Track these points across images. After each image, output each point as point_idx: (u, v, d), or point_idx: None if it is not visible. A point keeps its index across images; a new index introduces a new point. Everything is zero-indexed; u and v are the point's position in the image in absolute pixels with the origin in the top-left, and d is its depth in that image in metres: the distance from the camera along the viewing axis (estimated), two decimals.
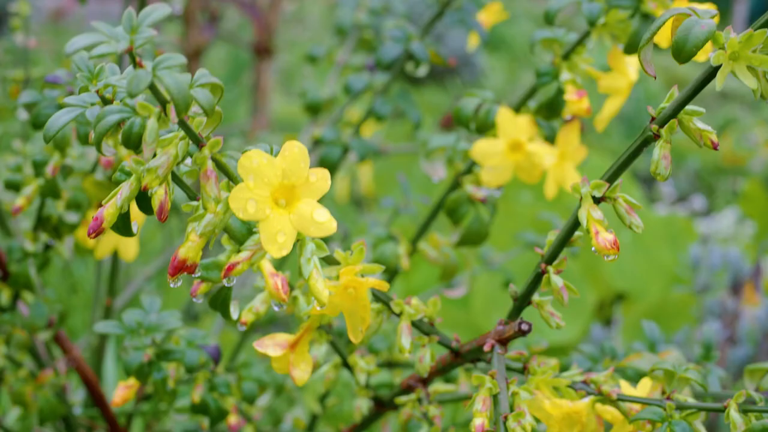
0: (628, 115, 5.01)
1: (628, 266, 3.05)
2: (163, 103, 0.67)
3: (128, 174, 0.72)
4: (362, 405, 1.02)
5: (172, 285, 0.73)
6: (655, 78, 0.78)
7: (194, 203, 0.73)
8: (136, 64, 0.64)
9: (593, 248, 0.77)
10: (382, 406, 1.02)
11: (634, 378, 0.98)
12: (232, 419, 1.08)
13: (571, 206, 0.81)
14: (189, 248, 0.71)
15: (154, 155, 0.69)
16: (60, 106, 1.04)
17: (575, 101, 1.06)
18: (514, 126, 1.10)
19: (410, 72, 1.33)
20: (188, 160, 0.72)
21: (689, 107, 0.75)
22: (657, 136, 0.76)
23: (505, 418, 0.77)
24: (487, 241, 1.20)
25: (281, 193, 0.70)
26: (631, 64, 1.08)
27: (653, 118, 0.76)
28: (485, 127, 1.12)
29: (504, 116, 1.10)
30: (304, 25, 6.98)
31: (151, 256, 2.55)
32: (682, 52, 0.72)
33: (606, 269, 3.02)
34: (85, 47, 0.62)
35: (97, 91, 0.71)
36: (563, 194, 1.17)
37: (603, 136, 4.81)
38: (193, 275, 0.73)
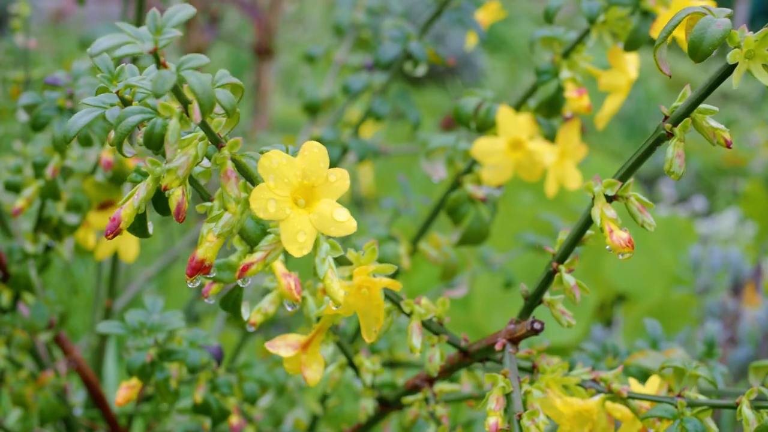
0: (628, 115, 5.01)
1: (629, 267, 3.05)
2: (185, 104, 0.67)
3: (144, 175, 0.72)
4: (368, 405, 1.01)
5: (189, 285, 0.73)
6: (670, 76, 0.78)
7: (209, 204, 0.73)
8: (160, 65, 0.64)
9: (607, 247, 0.78)
10: (387, 406, 1.02)
11: (638, 376, 0.98)
12: (234, 420, 1.08)
13: (572, 207, 0.81)
14: (207, 249, 0.71)
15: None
16: (59, 108, 1.05)
17: (575, 99, 1.06)
18: (515, 124, 1.10)
19: (409, 72, 1.33)
20: (204, 161, 0.72)
21: (702, 106, 0.76)
22: (670, 135, 0.76)
23: (519, 416, 0.78)
24: (488, 241, 1.20)
25: (301, 193, 0.70)
26: (631, 62, 1.08)
27: (666, 117, 0.76)
28: (485, 126, 1.12)
29: (504, 114, 1.10)
30: (304, 26, 6.98)
31: (152, 257, 2.55)
32: (699, 51, 0.72)
33: (607, 270, 3.01)
34: (110, 48, 0.62)
35: (117, 92, 0.71)
36: (564, 194, 1.17)
37: (604, 137, 4.81)
38: (208, 276, 0.73)
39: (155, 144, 0.68)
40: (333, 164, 1.33)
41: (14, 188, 1.12)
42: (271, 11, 3.25)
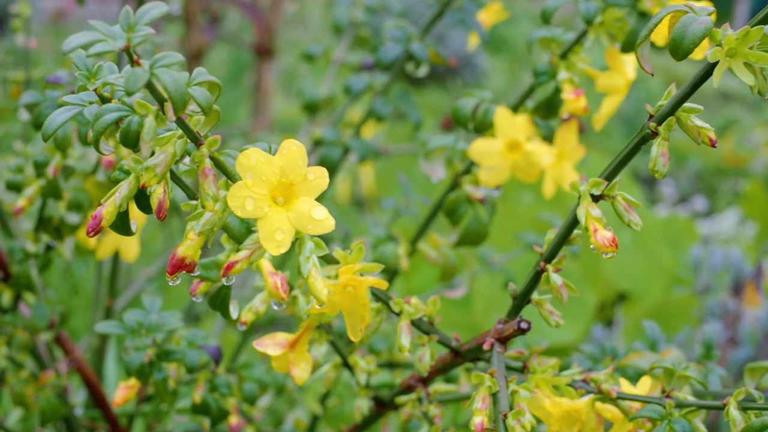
0: (628, 115, 5.01)
1: (630, 267, 3.05)
2: (161, 102, 0.67)
3: (127, 173, 0.72)
4: (363, 405, 1.02)
5: (171, 283, 0.73)
6: (653, 75, 0.78)
7: (193, 202, 0.73)
8: (134, 62, 0.64)
9: (592, 246, 0.78)
10: (383, 406, 1.02)
11: (635, 377, 0.98)
12: (233, 420, 1.08)
13: (571, 206, 0.81)
14: (188, 247, 0.72)
15: (152, 154, 0.69)
16: (61, 107, 1.05)
17: (573, 100, 1.06)
18: (512, 125, 1.10)
19: (410, 72, 1.33)
20: (187, 160, 0.72)
21: (687, 104, 0.76)
22: (655, 134, 0.76)
23: (505, 416, 0.78)
24: (487, 241, 1.20)
25: (279, 191, 0.70)
26: (629, 63, 1.08)
27: (651, 116, 0.77)
28: (483, 127, 1.12)
29: (502, 116, 1.10)
30: (304, 26, 6.98)
31: (153, 257, 2.55)
32: (679, 49, 0.72)
33: (607, 270, 3.01)
34: (83, 45, 0.62)
35: (96, 90, 0.71)
36: (563, 194, 1.17)
37: (603, 136, 4.81)
38: (192, 274, 0.73)
39: (131, 142, 0.68)
40: (334, 165, 1.34)
41: (15, 187, 1.12)
42: (271, 11, 3.25)
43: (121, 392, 1.01)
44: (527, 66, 6.27)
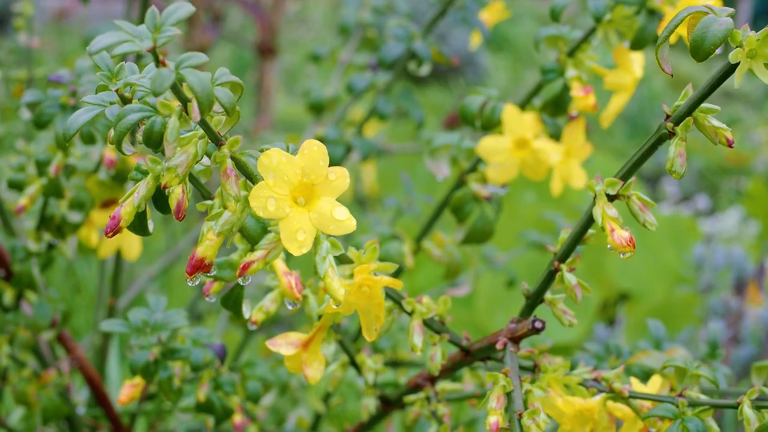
0: (631, 114, 5.00)
1: (632, 266, 3.04)
2: (184, 102, 0.66)
3: (144, 173, 0.72)
4: (370, 404, 1.02)
5: (189, 284, 0.73)
6: (672, 76, 0.78)
7: (209, 202, 0.73)
8: (159, 63, 0.64)
9: (609, 246, 0.78)
10: (389, 405, 1.02)
11: (640, 376, 0.98)
12: (237, 418, 1.08)
13: (575, 205, 0.81)
14: (207, 247, 0.71)
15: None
16: (62, 106, 1.05)
17: (582, 98, 1.06)
18: (520, 123, 1.10)
19: (413, 71, 1.33)
20: (204, 159, 0.72)
21: (704, 105, 0.76)
22: (672, 134, 0.76)
23: (520, 415, 0.78)
24: (491, 240, 1.20)
25: (300, 192, 0.70)
26: (636, 61, 1.08)
27: (668, 116, 0.76)
28: (491, 124, 1.12)
29: (510, 113, 1.10)
30: (307, 25, 6.98)
31: (155, 256, 2.55)
32: (700, 50, 0.72)
33: (609, 269, 3.01)
34: (108, 46, 0.62)
35: (117, 90, 0.71)
36: (567, 193, 1.17)
37: (606, 135, 4.81)
38: (208, 274, 0.73)
39: (155, 142, 0.68)
40: (336, 163, 1.33)
41: (17, 186, 1.12)
42: (274, 10, 3.25)
43: (126, 391, 1.01)
44: (529, 65, 6.27)
